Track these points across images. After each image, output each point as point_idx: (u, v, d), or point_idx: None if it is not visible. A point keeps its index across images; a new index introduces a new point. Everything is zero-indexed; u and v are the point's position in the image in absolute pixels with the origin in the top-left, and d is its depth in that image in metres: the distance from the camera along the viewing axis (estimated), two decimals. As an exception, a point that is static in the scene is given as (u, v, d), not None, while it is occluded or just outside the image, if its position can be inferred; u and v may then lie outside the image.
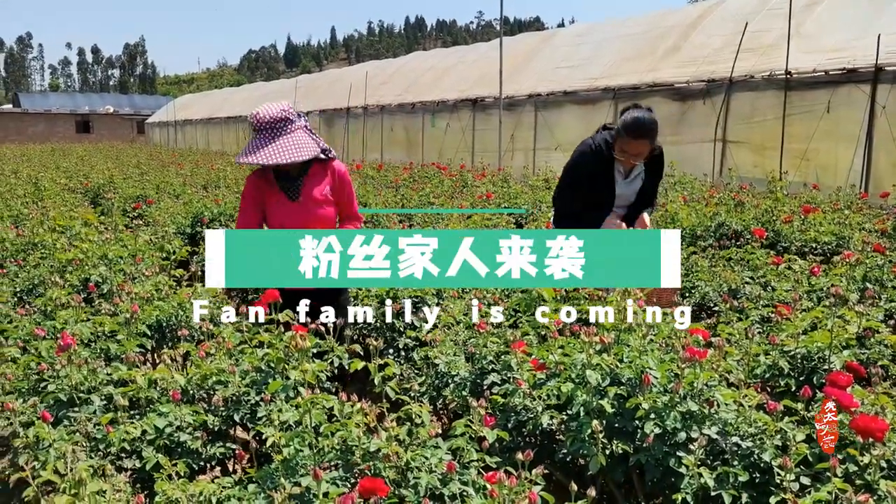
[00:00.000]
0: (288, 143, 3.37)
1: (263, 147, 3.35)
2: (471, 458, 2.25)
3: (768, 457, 2.23)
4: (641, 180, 4.19)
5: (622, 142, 3.94)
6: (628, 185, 4.18)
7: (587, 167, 4.10)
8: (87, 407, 2.65)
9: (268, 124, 3.36)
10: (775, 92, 10.65)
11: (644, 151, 3.97)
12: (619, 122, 3.95)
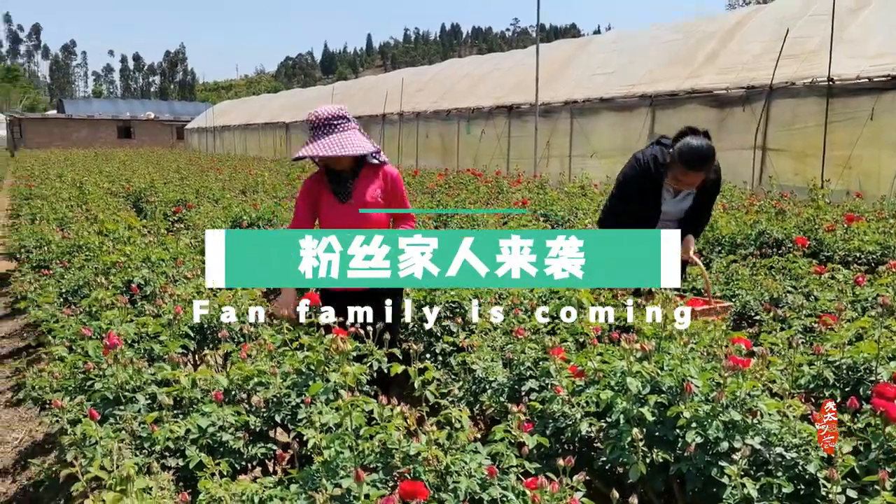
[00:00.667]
0: (342, 138, 3.42)
1: (317, 141, 3.40)
2: (510, 464, 2.25)
3: (813, 468, 2.19)
4: (692, 199, 4.05)
5: (676, 170, 3.82)
6: (677, 203, 4.06)
7: (635, 183, 4.01)
8: (132, 405, 2.70)
9: (325, 121, 3.41)
10: (817, 99, 10.48)
11: (697, 182, 3.86)
12: (675, 149, 3.82)
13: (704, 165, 3.76)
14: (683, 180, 3.84)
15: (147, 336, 3.50)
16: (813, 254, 5.55)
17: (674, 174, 3.85)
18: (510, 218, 7.06)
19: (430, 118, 19.81)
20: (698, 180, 3.84)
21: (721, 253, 5.71)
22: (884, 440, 2.19)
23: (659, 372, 2.59)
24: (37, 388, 3.26)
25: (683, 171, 3.78)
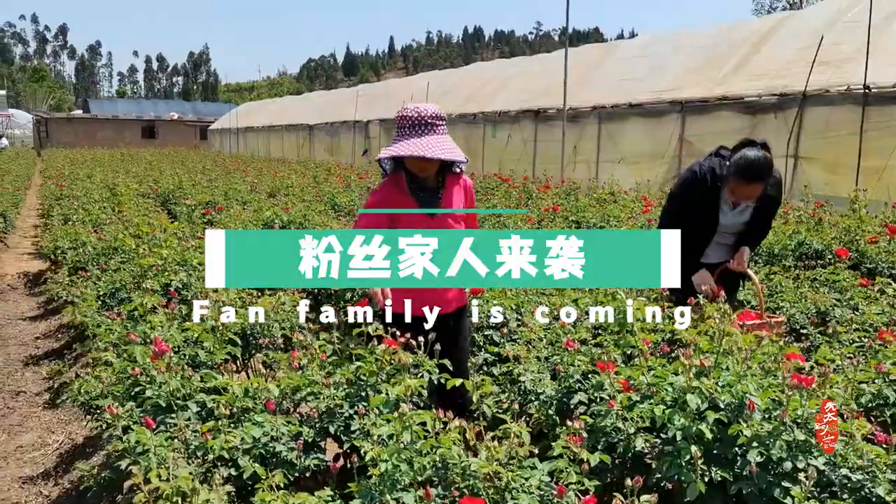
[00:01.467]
0: (442, 141, 3.08)
1: (419, 138, 3.03)
2: (570, 480, 2.21)
3: (882, 491, 2.14)
4: (750, 212, 3.97)
5: (734, 183, 3.75)
6: (737, 215, 3.99)
7: (691, 196, 3.94)
8: (184, 413, 2.70)
9: (429, 119, 3.05)
10: (852, 107, 10.33)
11: (756, 194, 3.78)
12: (732, 161, 3.76)
13: (761, 178, 3.69)
14: (740, 193, 3.77)
15: (191, 342, 3.49)
16: (854, 265, 5.46)
17: (731, 186, 3.78)
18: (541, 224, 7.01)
19: (456, 121, 19.79)
20: (756, 193, 3.75)
21: (759, 263, 5.63)
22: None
23: (717, 388, 2.54)
24: (83, 392, 3.27)
25: (740, 183, 3.71)
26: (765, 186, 3.74)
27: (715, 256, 4.06)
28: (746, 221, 3.99)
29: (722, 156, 3.91)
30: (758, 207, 3.94)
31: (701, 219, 3.92)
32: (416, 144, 3.00)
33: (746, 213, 3.97)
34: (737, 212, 3.97)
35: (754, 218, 3.99)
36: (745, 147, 3.76)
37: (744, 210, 3.96)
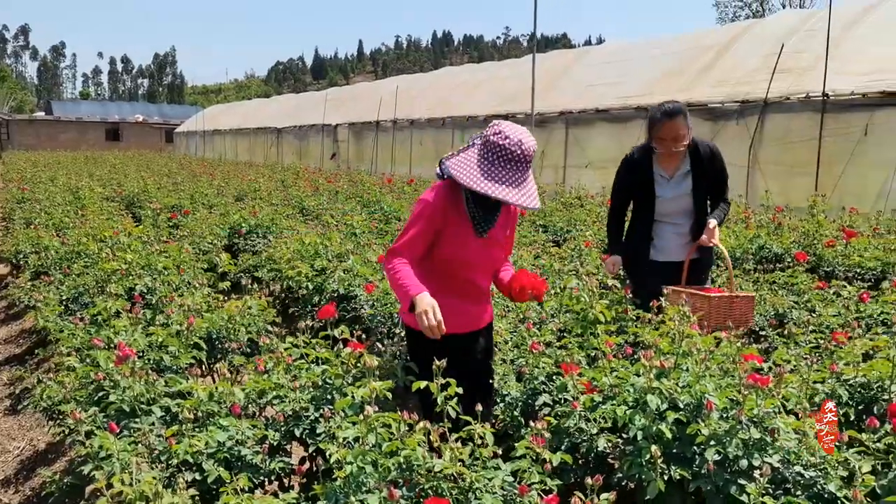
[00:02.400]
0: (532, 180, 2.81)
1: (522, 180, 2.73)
2: (532, 480, 2.25)
3: (834, 487, 2.21)
4: (690, 183, 4.05)
5: (656, 130, 3.92)
6: (675, 186, 4.07)
7: (623, 175, 4.21)
8: (148, 418, 2.69)
9: (531, 156, 2.75)
10: (811, 114, 10.57)
11: (682, 133, 3.89)
12: (648, 117, 4.02)
13: (679, 111, 3.89)
14: (666, 135, 3.90)
15: (156, 346, 3.47)
16: (812, 269, 5.59)
17: (655, 136, 3.94)
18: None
19: (425, 126, 19.83)
20: (681, 131, 3.88)
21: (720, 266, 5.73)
22: (902, 460, 2.22)
23: (677, 389, 2.60)
24: (45, 397, 3.23)
25: (662, 123, 3.89)
26: (686, 123, 3.90)
27: (674, 250, 4.12)
28: (690, 193, 4.05)
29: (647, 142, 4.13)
30: (699, 176, 4.03)
31: (639, 195, 4.14)
32: (519, 193, 2.70)
33: (686, 184, 4.06)
34: (674, 183, 4.07)
35: (700, 188, 4.06)
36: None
37: (682, 180, 4.06)
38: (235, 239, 7.58)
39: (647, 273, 4.13)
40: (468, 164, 2.75)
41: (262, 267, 6.15)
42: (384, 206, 9.56)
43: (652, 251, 4.17)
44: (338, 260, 5.42)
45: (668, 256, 4.14)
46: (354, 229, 7.08)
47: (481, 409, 2.38)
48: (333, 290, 4.88)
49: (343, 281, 4.89)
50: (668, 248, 4.15)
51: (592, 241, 6.72)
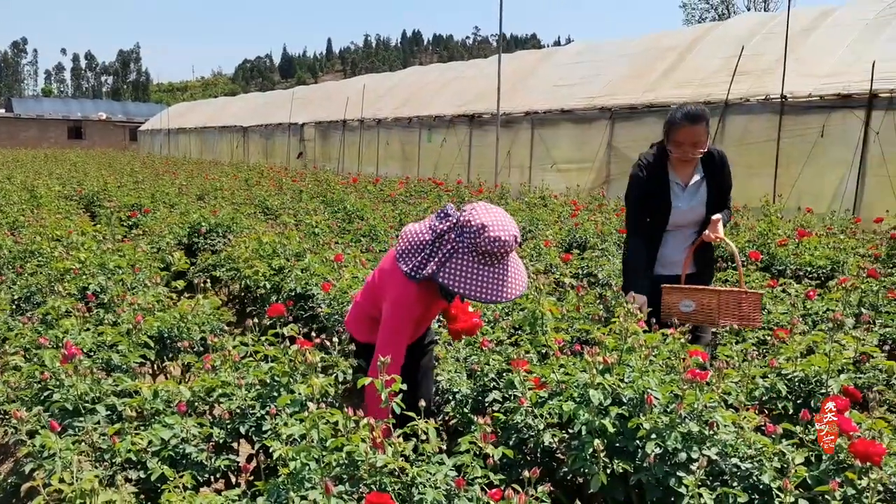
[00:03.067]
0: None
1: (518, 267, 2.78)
2: (475, 475, 2.27)
3: (767, 478, 2.27)
4: (705, 191, 3.81)
5: (675, 133, 3.64)
6: (691, 196, 3.81)
7: (641, 187, 3.78)
8: (92, 417, 2.66)
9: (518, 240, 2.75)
10: (770, 115, 10.77)
11: (702, 139, 3.62)
12: (668, 119, 3.71)
13: (701, 116, 3.61)
14: (685, 140, 3.61)
15: (105, 346, 3.44)
16: (766, 267, 5.70)
17: (673, 140, 3.65)
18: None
19: (392, 125, 19.82)
20: (702, 136, 3.61)
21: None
22: (834, 451, 2.28)
23: (620, 384, 2.64)
24: (-10, 397, 3.18)
25: (682, 127, 3.60)
26: (707, 129, 3.65)
27: (682, 263, 3.85)
28: (705, 203, 3.81)
29: (658, 144, 3.84)
30: (712, 184, 3.81)
31: (655, 204, 3.79)
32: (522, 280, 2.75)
33: (701, 193, 3.81)
34: (689, 192, 3.81)
35: (712, 197, 3.82)
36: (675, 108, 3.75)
37: (697, 189, 3.81)
38: (195, 238, 7.52)
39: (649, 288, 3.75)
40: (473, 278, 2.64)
41: (220, 266, 6.11)
42: (347, 205, 9.54)
43: (657, 266, 3.87)
44: (296, 259, 5.40)
45: (675, 269, 3.86)
46: (314, 228, 7.06)
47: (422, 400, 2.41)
48: (291, 289, 4.87)
49: (300, 280, 4.88)
50: (677, 262, 3.87)
51: (552, 241, 6.78)
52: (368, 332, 2.94)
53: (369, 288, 3.00)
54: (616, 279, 5.29)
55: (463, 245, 2.65)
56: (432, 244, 2.71)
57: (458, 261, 2.65)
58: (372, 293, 2.95)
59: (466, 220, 2.64)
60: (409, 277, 2.70)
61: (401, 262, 2.72)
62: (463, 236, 2.64)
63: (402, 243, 2.77)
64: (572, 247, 7.05)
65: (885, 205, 8.34)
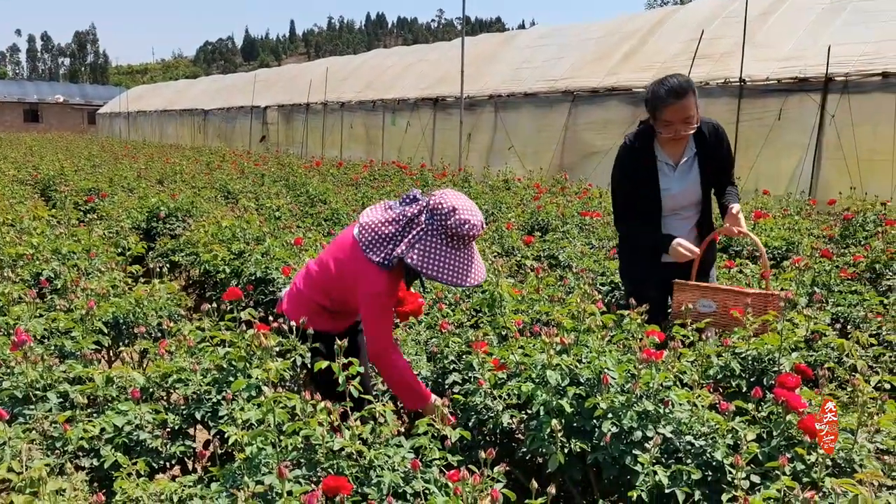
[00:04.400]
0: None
1: (482, 263, 2.82)
2: (433, 457, 2.28)
3: (720, 455, 2.31)
4: (698, 170, 3.52)
5: (661, 112, 3.31)
6: (683, 176, 3.51)
7: (628, 168, 3.52)
8: (43, 405, 2.61)
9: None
10: (729, 99, 10.90)
11: (692, 114, 3.31)
12: (651, 96, 3.36)
13: (688, 87, 3.28)
14: (675, 118, 3.29)
15: (58, 332, 3.37)
16: (723, 248, 5.78)
17: (661, 118, 3.33)
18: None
19: (356, 108, 19.66)
20: (690, 112, 3.30)
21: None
22: (784, 427, 2.33)
23: (578, 364, 2.67)
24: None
25: (669, 104, 3.27)
26: (696, 101, 3.34)
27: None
28: (698, 181, 3.53)
29: (643, 122, 3.54)
30: (705, 161, 3.51)
31: (643, 189, 3.50)
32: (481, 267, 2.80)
33: (694, 172, 3.52)
34: (681, 171, 3.51)
35: (706, 174, 3.53)
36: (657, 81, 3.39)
37: (689, 169, 3.52)
38: (154, 223, 7.39)
39: (649, 276, 3.56)
40: (440, 259, 2.68)
41: (180, 251, 6.02)
42: (310, 189, 9.46)
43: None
44: (256, 243, 5.35)
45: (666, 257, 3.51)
46: (276, 212, 6.99)
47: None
48: (251, 273, 4.82)
49: (260, 264, 4.83)
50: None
51: (515, 224, 6.79)
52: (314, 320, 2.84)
53: (318, 276, 2.90)
54: (577, 261, 5.32)
55: (432, 227, 2.67)
56: (402, 230, 2.72)
57: (427, 243, 2.67)
58: (324, 282, 2.88)
59: (437, 202, 2.67)
60: (382, 267, 2.71)
61: (370, 254, 2.72)
62: (433, 219, 2.67)
63: (367, 235, 2.75)
64: (534, 229, 7.08)
65: (840, 186, 8.49)
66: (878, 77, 9.49)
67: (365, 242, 2.74)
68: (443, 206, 2.65)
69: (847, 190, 7.66)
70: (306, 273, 3.00)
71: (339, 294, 2.88)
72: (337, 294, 2.87)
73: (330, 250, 2.94)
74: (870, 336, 3.56)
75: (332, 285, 2.86)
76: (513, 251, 6.02)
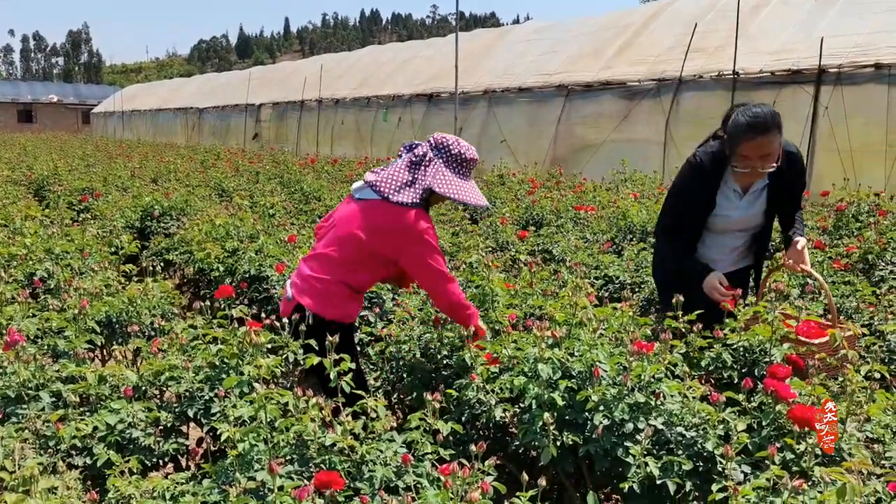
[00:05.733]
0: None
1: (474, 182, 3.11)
2: (425, 451, 2.29)
3: (711, 446, 2.32)
4: (766, 199, 3.30)
5: (741, 146, 3.06)
6: (748, 205, 3.30)
7: (693, 190, 3.27)
8: (36, 404, 2.61)
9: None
10: (723, 92, 10.91)
11: (775, 151, 3.06)
12: (730, 125, 3.10)
13: (772, 125, 3.01)
14: (753, 154, 3.05)
15: (51, 332, 3.38)
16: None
17: (740, 153, 3.08)
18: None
19: (350, 105, 19.64)
20: (769, 149, 3.04)
21: (632, 241, 5.90)
22: (774, 417, 2.34)
23: (569, 358, 2.68)
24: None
25: (751, 139, 3.02)
26: (781, 137, 3.09)
27: (723, 262, 3.39)
28: (763, 213, 3.33)
29: (720, 136, 3.26)
30: (776, 190, 3.27)
31: (702, 213, 3.29)
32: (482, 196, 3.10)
33: (760, 203, 3.30)
34: (748, 200, 3.30)
35: (774, 204, 3.32)
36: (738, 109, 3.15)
37: (756, 198, 3.30)
38: (148, 222, 7.38)
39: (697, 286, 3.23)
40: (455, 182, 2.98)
41: (174, 249, 6.01)
42: (304, 186, 9.45)
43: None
44: (250, 240, 5.34)
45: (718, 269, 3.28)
46: (270, 210, 6.98)
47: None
48: (245, 270, 4.82)
49: (254, 262, 4.83)
50: (716, 261, 3.36)
51: (509, 219, 6.80)
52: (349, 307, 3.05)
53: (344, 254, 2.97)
54: (571, 255, 5.33)
55: (442, 160, 2.99)
56: (417, 170, 2.98)
57: (444, 173, 2.97)
58: (353, 256, 2.98)
59: (438, 139, 3.02)
60: (415, 206, 2.92)
61: (401, 197, 2.92)
62: (440, 152, 3.00)
63: (388, 185, 2.94)
64: (529, 224, 7.09)
65: (834, 178, 8.50)
66: (870, 68, 9.50)
67: (392, 192, 2.93)
68: (446, 140, 3.01)
69: (840, 181, 7.67)
70: (322, 261, 3.02)
71: (372, 262, 3.01)
72: (370, 262, 3.01)
73: (342, 227, 3.02)
74: (862, 326, 3.59)
75: (362, 256, 2.98)
76: (507, 246, 6.02)
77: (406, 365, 3.26)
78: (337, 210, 3.18)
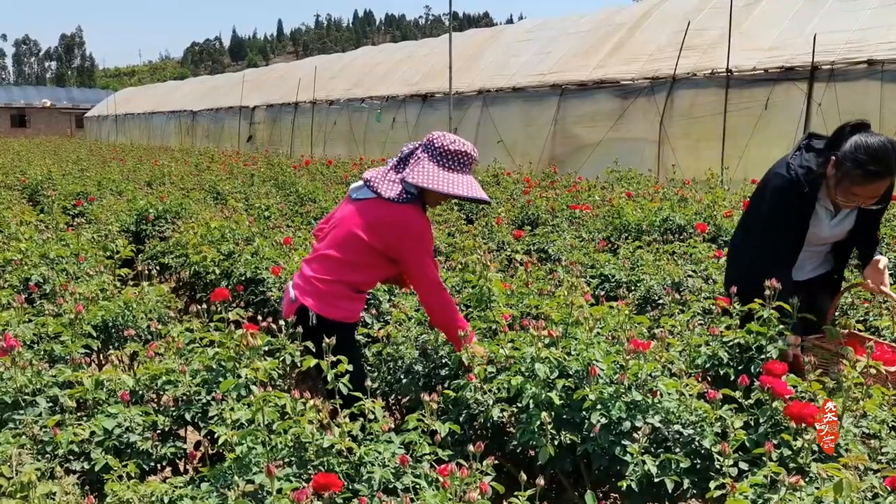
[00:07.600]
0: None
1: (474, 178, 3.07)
2: (423, 452, 2.29)
3: (708, 443, 2.33)
4: (854, 218, 3.11)
5: (857, 188, 2.85)
6: (837, 224, 3.13)
7: (788, 209, 3.03)
8: (33, 409, 2.61)
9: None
10: (716, 89, 10.95)
11: (879, 194, 2.89)
12: (847, 154, 2.83)
13: (890, 171, 2.80)
14: (862, 194, 2.87)
15: (47, 336, 3.37)
16: (712, 239, 5.81)
17: (846, 187, 2.88)
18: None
19: (344, 106, 19.63)
20: (879, 192, 2.88)
21: (627, 240, 5.91)
22: (771, 414, 2.35)
23: (566, 357, 2.68)
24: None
25: (861, 182, 2.82)
26: (891, 182, 2.89)
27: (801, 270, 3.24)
28: (849, 231, 3.15)
29: (815, 149, 3.04)
30: (866, 212, 3.05)
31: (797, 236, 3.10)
32: (481, 191, 3.06)
33: (849, 221, 3.12)
34: (838, 220, 3.12)
35: (861, 224, 3.11)
36: (853, 133, 2.89)
37: (845, 216, 3.11)
38: (143, 225, 7.37)
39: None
40: (439, 175, 2.92)
41: (169, 253, 6.00)
42: (299, 188, 9.44)
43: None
44: (245, 243, 5.34)
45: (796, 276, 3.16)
46: (265, 212, 6.98)
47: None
48: (241, 273, 4.81)
49: (250, 264, 4.82)
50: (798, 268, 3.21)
51: (504, 218, 6.81)
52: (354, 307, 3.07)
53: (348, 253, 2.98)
54: (566, 254, 5.34)
55: (428, 154, 2.96)
56: (402, 167, 2.99)
57: (426, 165, 2.92)
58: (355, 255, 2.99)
59: (429, 137, 3.00)
60: (402, 202, 2.92)
61: (388, 193, 2.93)
62: (427, 147, 2.98)
63: (379, 183, 2.97)
64: (524, 223, 7.09)
65: (828, 175, 8.53)
66: (863, 65, 9.55)
67: (383, 189, 2.95)
68: (433, 135, 2.99)
69: (834, 178, 7.68)
70: (324, 261, 3.03)
71: (373, 261, 3.01)
72: (372, 261, 3.01)
73: (342, 228, 3.03)
74: (857, 322, 3.59)
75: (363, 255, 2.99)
76: (503, 246, 6.03)
77: (403, 366, 3.26)
78: (336, 211, 3.21)
